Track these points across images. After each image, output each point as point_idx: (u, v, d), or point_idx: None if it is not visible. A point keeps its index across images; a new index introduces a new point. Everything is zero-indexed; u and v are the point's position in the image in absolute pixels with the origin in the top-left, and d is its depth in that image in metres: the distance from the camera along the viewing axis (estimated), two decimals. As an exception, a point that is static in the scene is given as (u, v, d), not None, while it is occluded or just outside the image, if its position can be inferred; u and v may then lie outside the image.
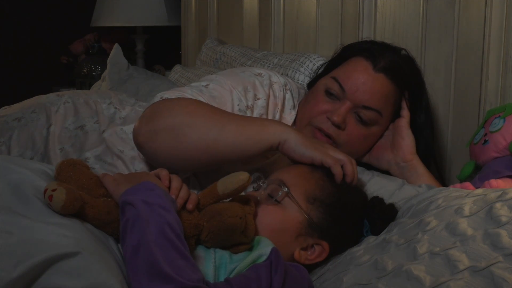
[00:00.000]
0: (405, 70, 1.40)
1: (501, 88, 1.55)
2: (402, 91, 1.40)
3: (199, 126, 1.20)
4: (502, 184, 1.21)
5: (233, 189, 1.04)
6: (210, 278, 0.97)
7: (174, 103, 1.25)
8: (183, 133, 1.20)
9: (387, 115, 1.40)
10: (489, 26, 1.55)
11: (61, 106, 1.42)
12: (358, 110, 1.36)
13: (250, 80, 1.38)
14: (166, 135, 1.21)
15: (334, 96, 1.38)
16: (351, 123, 1.37)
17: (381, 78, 1.37)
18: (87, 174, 1.04)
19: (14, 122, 1.38)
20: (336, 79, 1.38)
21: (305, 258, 1.10)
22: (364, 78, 1.36)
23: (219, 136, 1.20)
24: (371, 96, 1.35)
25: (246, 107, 1.34)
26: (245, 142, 1.20)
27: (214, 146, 1.20)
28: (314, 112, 1.38)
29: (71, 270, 0.83)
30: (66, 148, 1.36)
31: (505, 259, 0.86)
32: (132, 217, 0.91)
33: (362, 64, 1.38)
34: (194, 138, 1.20)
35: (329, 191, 1.14)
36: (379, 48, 1.41)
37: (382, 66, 1.37)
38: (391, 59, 1.39)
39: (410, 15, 1.68)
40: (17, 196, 0.94)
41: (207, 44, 2.22)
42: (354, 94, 1.36)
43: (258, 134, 1.20)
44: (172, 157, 1.22)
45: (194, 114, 1.22)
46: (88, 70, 3.15)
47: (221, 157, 1.22)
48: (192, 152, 1.21)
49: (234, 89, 1.35)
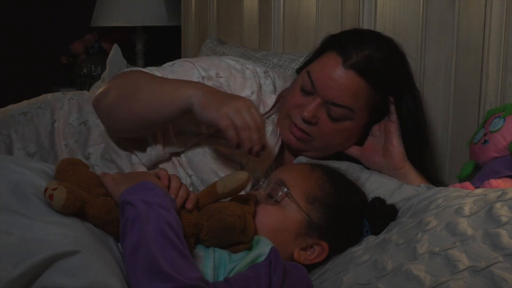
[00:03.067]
0: (378, 65, 1.34)
1: (501, 88, 1.55)
2: (375, 87, 1.36)
3: (126, 88, 1.29)
4: (502, 184, 1.21)
5: (232, 188, 1.04)
6: (209, 277, 0.97)
7: (123, 74, 1.35)
8: (114, 93, 1.30)
9: (361, 110, 1.37)
10: (489, 26, 1.55)
11: (65, 102, 1.47)
12: (328, 106, 1.35)
13: (219, 63, 1.42)
14: (104, 96, 1.31)
15: (308, 91, 1.37)
16: (322, 118, 1.36)
17: (350, 75, 1.33)
18: (87, 174, 1.04)
19: (20, 116, 1.43)
20: (309, 74, 1.37)
21: (304, 258, 1.10)
22: (334, 75, 1.34)
23: (138, 96, 1.26)
24: (340, 93, 1.34)
25: (203, 78, 1.37)
26: (158, 103, 1.24)
27: (135, 106, 1.26)
28: (290, 106, 1.40)
29: (71, 269, 0.83)
30: (71, 144, 1.40)
31: (505, 259, 0.86)
32: (131, 216, 0.91)
33: (333, 59, 1.36)
34: (120, 97, 1.29)
35: (329, 191, 1.13)
36: (357, 40, 1.37)
37: (352, 63, 1.33)
38: (365, 54, 1.34)
39: (410, 15, 1.67)
40: (17, 195, 0.94)
41: (207, 44, 2.21)
42: (324, 91, 1.35)
43: (170, 96, 1.24)
44: (107, 117, 1.33)
45: (128, 78, 1.32)
46: (88, 70, 3.15)
47: (141, 116, 1.27)
48: (119, 110, 1.29)
49: (196, 67, 1.39)
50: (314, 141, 1.39)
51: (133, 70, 1.38)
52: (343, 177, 1.22)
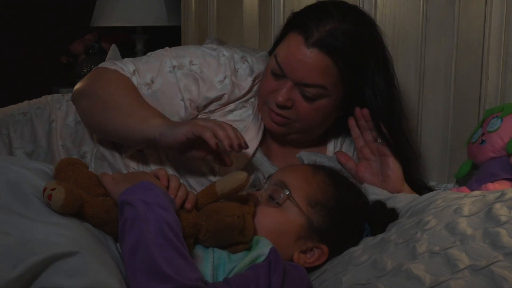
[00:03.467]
0: (341, 39, 1.30)
1: (501, 88, 1.55)
2: (343, 61, 1.32)
3: (99, 102, 1.31)
4: (498, 188, 1.21)
5: (231, 188, 1.03)
6: (208, 277, 0.96)
7: (101, 73, 1.37)
8: (90, 102, 1.34)
9: (334, 85, 1.34)
10: (489, 26, 1.55)
11: (64, 103, 1.49)
12: (300, 88, 1.33)
13: (194, 51, 1.43)
14: (82, 97, 1.36)
15: (278, 75, 1.36)
16: (297, 100, 1.35)
17: (314, 53, 1.30)
18: (86, 173, 1.04)
19: (20, 116, 1.46)
20: (276, 57, 1.35)
21: (304, 261, 1.09)
22: (298, 55, 1.31)
23: (108, 117, 1.29)
24: (308, 73, 1.31)
25: (173, 67, 1.38)
26: (125, 131, 1.27)
27: (104, 124, 1.31)
28: (265, 92, 1.39)
29: (69, 270, 0.83)
30: (67, 144, 1.42)
31: (505, 258, 0.86)
32: (130, 216, 0.90)
33: (295, 40, 1.33)
34: (93, 110, 1.33)
35: (330, 195, 1.12)
36: (318, 15, 1.33)
37: (314, 41, 1.30)
38: (327, 29, 1.30)
39: (410, 15, 1.67)
40: (16, 195, 0.94)
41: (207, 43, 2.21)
42: (292, 73, 1.33)
43: (136, 126, 1.25)
44: (83, 119, 1.38)
45: (103, 89, 1.33)
46: (88, 70, 3.14)
47: (111, 136, 1.34)
48: (91, 120, 1.34)
49: (169, 56, 1.40)
50: (294, 124, 1.38)
51: (108, 69, 1.37)
52: (345, 180, 1.20)
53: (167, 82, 1.37)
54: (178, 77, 1.37)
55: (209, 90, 1.38)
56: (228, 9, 2.23)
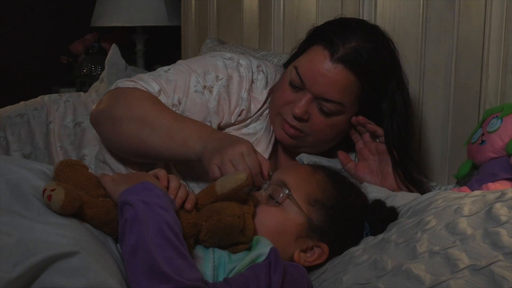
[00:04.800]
0: (366, 57, 1.32)
1: (501, 88, 1.55)
2: (364, 79, 1.34)
3: (133, 124, 1.27)
4: (499, 188, 1.21)
5: (231, 188, 1.03)
6: (208, 277, 0.96)
7: (123, 93, 1.31)
8: (119, 126, 1.28)
9: (351, 105, 1.35)
10: (489, 26, 1.55)
11: (61, 104, 1.48)
12: (319, 102, 1.34)
13: (215, 63, 1.40)
14: (107, 123, 1.30)
15: (297, 87, 1.36)
16: (314, 114, 1.35)
17: (339, 68, 1.31)
18: (86, 174, 1.04)
19: (17, 118, 1.45)
20: (297, 69, 1.35)
21: (304, 260, 1.10)
22: (322, 70, 1.32)
23: (147, 139, 1.26)
24: (329, 88, 1.32)
25: (203, 87, 1.36)
26: (167, 152, 1.25)
27: (142, 146, 1.27)
28: (280, 103, 1.38)
29: (69, 270, 0.83)
30: (65, 145, 1.41)
31: (505, 258, 0.86)
32: (130, 217, 0.90)
33: (320, 54, 1.33)
34: (127, 133, 1.27)
35: (330, 194, 1.13)
36: (342, 31, 1.34)
37: (340, 56, 1.31)
38: (352, 46, 1.31)
39: (410, 15, 1.67)
40: (16, 196, 0.94)
41: (207, 44, 2.21)
42: (313, 87, 1.33)
43: (179, 148, 1.23)
44: (111, 143, 1.34)
45: (134, 110, 1.27)
46: (88, 70, 3.15)
47: (149, 156, 1.30)
48: (125, 144, 1.29)
49: (193, 72, 1.37)
50: (307, 137, 1.38)
51: (135, 89, 1.32)
52: (345, 179, 1.21)
53: (194, 103, 1.35)
54: (207, 99, 1.36)
55: (235, 109, 1.38)
56: (228, 9, 2.23)
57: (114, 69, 2.16)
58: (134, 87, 1.32)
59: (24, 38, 3.28)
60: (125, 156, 1.36)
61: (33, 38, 3.28)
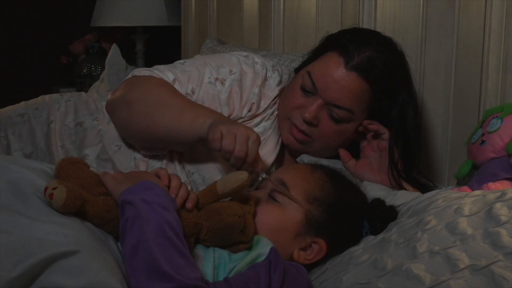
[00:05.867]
0: (380, 67, 1.33)
1: (501, 88, 1.55)
2: (376, 89, 1.35)
3: (147, 106, 1.29)
4: (500, 187, 1.21)
5: (232, 188, 1.04)
6: (209, 277, 0.97)
7: (138, 81, 1.35)
8: (133, 108, 1.30)
9: (360, 113, 1.36)
10: (489, 26, 1.55)
11: (62, 104, 1.47)
12: (330, 108, 1.35)
13: (230, 59, 1.44)
14: (122, 107, 1.33)
15: (308, 91, 1.37)
16: (324, 119, 1.36)
17: (352, 76, 1.33)
18: (87, 173, 1.04)
19: (17, 117, 1.44)
20: (310, 74, 1.36)
21: (304, 258, 1.10)
22: (336, 76, 1.33)
23: (158, 119, 1.27)
24: (342, 95, 1.33)
25: (216, 79, 1.38)
26: (176, 130, 1.26)
27: (153, 127, 1.28)
28: (290, 107, 1.39)
29: (70, 269, 0.83)
30: (67, 145, 1.40)
31: (505, 258, 0.86)
32: (131, 216, 0.90)
33: (335, 60, 1.35)
34: (140, 115, 1.30)
35: (328, 191, 1.14)
36: (357, 41, 1.36)
37: (354, 64, 1.32)
38: (367, 55, 1.33)
39: (410, 15, 1.67)
40: (17, 195, 0.94)
41: (207, 44, 2.21)
42: (325, 92, 1.34)
43: (190, 126, 1.24)
44: (123, 128, 1.36)
45: (148, 94, 1.31)
46: (88, 70, 3.15)
47: (159, 137, 1.30)
48: (136, 126, 1.31)
49: (208, 65, 1.40)
50: (314, 143, 1.39)
51: (150, 77, 1.36)
52: (343, 178, 1.22)
53: (207, 93, 1.37)
54: (219, 90, 1.37)
55: (246, 103, 1.39)
56: (228, 9, 2.24)
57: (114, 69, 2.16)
58: (150, 75, 1.36)
59: (24, 38, 3.28)
60: (135, 142, 1.37)
61: (33, 38, 3.28)
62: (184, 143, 1.31)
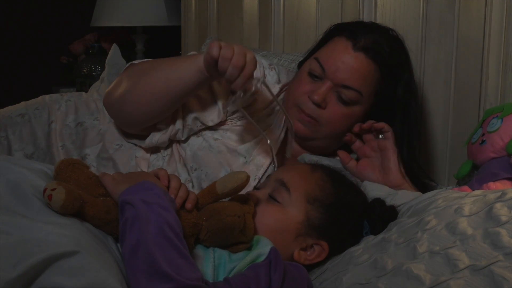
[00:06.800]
0: (386, 49, 1.38)
1: (501, 88, 1.55)
2: (383, 70, 1.38)
3: (142, 72, 1.33)
4: (500, 187, 1.21)
5: (232, 188, 1.04)
6: (209, 277, 0.97)
7: (134, 67, 1.38)
8: (132, 78, 1.33)
9: (368, 95, 1.38)
10: (489, 26, 1.55)
11: (63, 104, 1.48)
12: (338, 90, 1.36)
13: None
14: (123, 83, 1.34)
15: (316, 77, 1.38)
16: (332, 102, 1.37)
17: (360, 57, 1.36)
18: (86, 174, 1.04)
19: (18, 117, 1.44)
20: (318, 59, 1.39)
21: (304, 259, 1.10)
22: (344, 57, 1.36)
23: (155, 75, 1.30)
24: (350, 75, 1.35)
25: None
26: (177, 75, 1.28)
27: (154, 84, 1.30)
28: (298, 93, 1.40)
29: (70, 269, 0.83)
30: (67, 145, 1.41)
31: (505, 258, 0.86)
32: (131, 216, 0.90)
33: (342, 43, 1.38)
34: (139, 80, 1.31)
35: (329, 192, 1.14)
36: (364, 28, 1.41)
37: (362, 45, 1.36)
38: (373, 38, 1.38)
39: (410, 15, 1.68)
40: (16, 195, 0.94)
41: (207, 44, 2.21)
42: (334, 74, 1.36)
43: (186, 64, 1.27)
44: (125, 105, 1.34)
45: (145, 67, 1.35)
46: (88, 70, 3.15)
47: (162, 94, 1.30)
48: (138, 92, 1.31)
49: None
50: (321, 128, 1.39)
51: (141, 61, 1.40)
52: (343, 178, 1.22)
53: None
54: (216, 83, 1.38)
55: None
56: (228, 9, 2.23)
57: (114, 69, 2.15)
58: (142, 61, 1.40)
59: (24, 38, 3.28)
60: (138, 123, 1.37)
61: (33, 38, 3.28)
62: (188, 85, 1.29)
